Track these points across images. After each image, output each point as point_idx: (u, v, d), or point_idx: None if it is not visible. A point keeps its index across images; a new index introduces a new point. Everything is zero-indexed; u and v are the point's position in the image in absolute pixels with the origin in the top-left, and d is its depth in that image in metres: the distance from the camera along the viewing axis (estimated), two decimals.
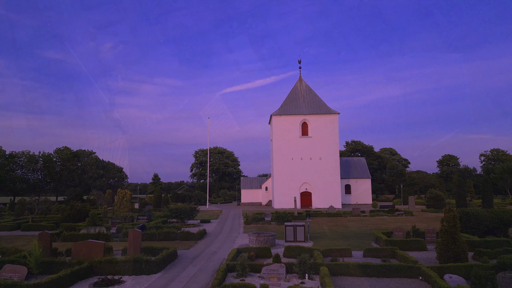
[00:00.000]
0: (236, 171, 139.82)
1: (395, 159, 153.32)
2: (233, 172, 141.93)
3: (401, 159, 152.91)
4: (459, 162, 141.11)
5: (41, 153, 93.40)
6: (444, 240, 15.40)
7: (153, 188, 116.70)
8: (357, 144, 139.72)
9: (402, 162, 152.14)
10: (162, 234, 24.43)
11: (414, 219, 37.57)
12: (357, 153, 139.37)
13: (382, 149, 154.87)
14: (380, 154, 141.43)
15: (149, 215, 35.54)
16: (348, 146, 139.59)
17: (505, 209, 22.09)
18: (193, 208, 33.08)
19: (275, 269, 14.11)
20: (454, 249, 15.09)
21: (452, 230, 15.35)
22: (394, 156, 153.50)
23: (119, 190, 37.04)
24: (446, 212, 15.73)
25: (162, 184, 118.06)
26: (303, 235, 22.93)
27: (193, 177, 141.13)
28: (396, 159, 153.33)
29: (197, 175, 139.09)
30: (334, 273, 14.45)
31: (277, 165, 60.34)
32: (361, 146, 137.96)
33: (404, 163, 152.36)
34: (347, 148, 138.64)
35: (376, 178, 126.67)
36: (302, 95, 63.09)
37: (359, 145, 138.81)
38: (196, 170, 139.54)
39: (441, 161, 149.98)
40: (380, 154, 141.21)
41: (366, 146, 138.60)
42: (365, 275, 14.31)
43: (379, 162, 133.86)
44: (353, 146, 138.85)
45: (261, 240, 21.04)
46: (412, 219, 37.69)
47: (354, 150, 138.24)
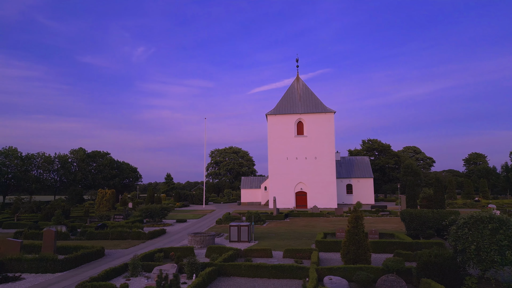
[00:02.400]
0: (250, 171, 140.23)
1: (419, 158, 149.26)
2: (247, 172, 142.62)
3: (425, 157, 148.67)
4: (487, 161, 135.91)
5: (57, 154, 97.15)
6: (346, 241, 15.04)
7: (166, 187, 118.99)
8: (374, 142, 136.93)
9: (426, 161, 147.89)
10: (115, 233, 25.03)
11: (394, 220, 36.61)
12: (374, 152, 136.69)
13: (405, 148, 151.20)
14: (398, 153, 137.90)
15: (126, 214, 36.40)
16: (365, 144, 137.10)
17: (452, 211, 21.14)
18: (164, 208, 33.64)
19: (166, 269, 14.22)
20: (354, 250, 14.71)
21: (354, 231, 14.97)
22: (418, 155, 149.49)
23: (99, 190, 38.14)
24: (350, 212, 15.34)
25: (175, 184, 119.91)
26: (246, 235, 22.90)
27: (208, 177, 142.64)
28: (420, 158, 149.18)
29: (212, 175, 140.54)
30: (227, 274, 14.43)
31: (272, 165, 60.17)
32: (378, 144, 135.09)
33: (429, 162, 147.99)
34: (363, 147, 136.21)
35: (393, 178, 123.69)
36: (299, 94, 62.56)
37: (376, 143, 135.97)
38: (211, 170, 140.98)
39: (467, 159, 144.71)
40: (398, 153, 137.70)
41: (383, 144, 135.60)
42: (257, 275, 14.20)
43: (396, 161, 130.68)
44: (369, 145, 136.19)
45: (197, 240, 21.19)
46: (392, 220, 36.76)
47: (370, 149, 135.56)
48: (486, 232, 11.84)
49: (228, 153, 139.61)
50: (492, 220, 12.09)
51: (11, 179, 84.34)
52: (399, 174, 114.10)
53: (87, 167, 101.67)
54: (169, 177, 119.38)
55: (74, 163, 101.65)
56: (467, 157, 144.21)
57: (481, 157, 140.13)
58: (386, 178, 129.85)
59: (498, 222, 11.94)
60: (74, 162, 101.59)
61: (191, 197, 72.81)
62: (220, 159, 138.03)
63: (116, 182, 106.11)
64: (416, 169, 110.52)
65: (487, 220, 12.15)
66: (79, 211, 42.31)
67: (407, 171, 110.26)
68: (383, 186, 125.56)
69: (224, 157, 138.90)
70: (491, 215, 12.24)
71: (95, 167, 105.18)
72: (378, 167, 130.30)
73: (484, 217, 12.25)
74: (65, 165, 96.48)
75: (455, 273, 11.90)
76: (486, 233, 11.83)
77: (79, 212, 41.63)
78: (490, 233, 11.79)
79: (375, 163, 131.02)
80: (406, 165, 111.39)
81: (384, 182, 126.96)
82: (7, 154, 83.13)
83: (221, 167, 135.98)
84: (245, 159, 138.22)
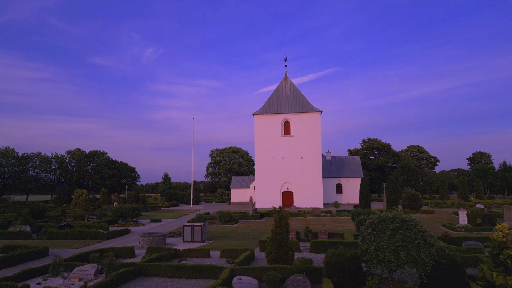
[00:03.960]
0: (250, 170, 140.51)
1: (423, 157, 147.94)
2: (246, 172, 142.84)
3: (429, 156, 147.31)
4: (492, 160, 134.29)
5: (54, 155, 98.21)
6: (269, 241, 15.06)
7: (163, 187, 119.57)
8: (374, 142, 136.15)
9: (430, 160, 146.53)
10: (75, 233, 25.32)
11: None
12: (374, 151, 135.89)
13: (409, 147, 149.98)
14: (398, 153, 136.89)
15: (101, 215, 36.75)
16: (365, 144, 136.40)
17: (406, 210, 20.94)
18: (134, 208, 33.92)
19: (86, 269, 14.39)
20: (276, 250, 14.71)
21: (277, 231, 14.98)
22: (422, 154, 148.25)
23: (76, 190, 38.52)
24: (275, 212, 15.37)
25: (172, 183, 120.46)
26: (199, 235, 23.01)
27: (207, 176, 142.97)
28: (424, 157, 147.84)
29: (211, 175, 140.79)
30: (148, 274, 14.54)
31: (259, 165, 60.21)
32: (377, 144, 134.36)
33: (433, 161, 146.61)
34: (363, 146, 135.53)
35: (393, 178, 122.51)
36: (286, 94, 62.45)
37: (376, 143, 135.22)
38: (211, 170, 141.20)
39: (471, 158, 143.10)
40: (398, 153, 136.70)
41: (383, 144, 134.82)
42: (175, 276, 14.29)
43: (395, 160, 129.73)
44: (369, 144, 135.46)
45: (146, 240, 21.32)
46: None
47: (370, 148, 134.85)
48: (388, 233, 11.78)
49: (228, 153, 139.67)
50: (394, 220, 12.02)
51: (7, 179, 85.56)
52: (396, 174, 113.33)
53: (84, 167, 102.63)
54: (166, 177, 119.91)
55: (72, 163, 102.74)
56: (471, 156, 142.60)
57: (486, 156, 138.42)
58: (385, 177, 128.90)
59: (400, 223, 11.86)
60: (72, 162, 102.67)
61: (182, 197, 73.17)
62: (220, 159, 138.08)
63: (114, 182, 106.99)
64: (414, 169, 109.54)
65: (390, 220, 12.08)
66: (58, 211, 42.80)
67: (404, 170, 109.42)
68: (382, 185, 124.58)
69: (224, 157, 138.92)
70: (394, 216, 12.16)
71: (92, 167, 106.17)
72: (377, 166, 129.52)
73: (388, 217, 12.18)
74: (62, 165, 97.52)
75: (355, 273, 11.86)
76: (388, 233, 11.77)
77: (58, 212, 42.14)
78: (391, 234, 11.72)
79: (374, 163, 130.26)
80: (403, 164, 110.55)
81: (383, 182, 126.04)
82: (4, 154, 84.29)
83: (221, 167, 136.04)
84: (244, 159, 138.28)
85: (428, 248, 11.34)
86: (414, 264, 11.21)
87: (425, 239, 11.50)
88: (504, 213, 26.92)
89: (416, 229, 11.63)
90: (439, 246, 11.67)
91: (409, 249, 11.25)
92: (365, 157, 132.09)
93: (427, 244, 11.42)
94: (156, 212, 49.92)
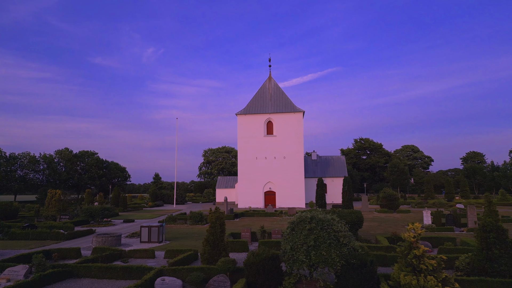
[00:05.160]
0: None
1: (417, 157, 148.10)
2: None
3: (423, 156, 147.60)
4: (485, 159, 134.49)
5: (42, 154, 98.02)
6: (203, 242, 15.06)
7: (154, 187, 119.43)
8: (365, 141, 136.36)
9: (424, 160, 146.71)
10: (35, 233, 25.26)
11: None
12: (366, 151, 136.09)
13: (404, 147, 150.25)
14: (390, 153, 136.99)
15: (73, 215, 36.70)
16: (357, 143, 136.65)
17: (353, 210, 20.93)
18: (105, 208, 33.82)
19: (17, 270, 14.36)
20: (209, 251, 14.72)
21: (211, 231, 14.98)
22: (416, 154, 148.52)
23: (49, 190, 38.44)
24: (210, 213, 15.38)
25: (163, 183, 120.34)
26: (156, 236, 23.00)
27: (200, 176, 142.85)
28: (418, 157, 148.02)
29: (204, 174, 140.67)
30: (79, 275, 14.51)
31: (242, 165, 60.24)
32: (369, 143, 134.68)
33: (427, 161, 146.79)
34: (355, 146, 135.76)
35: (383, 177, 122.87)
36: (270, 94, 62.48)
37: (367, 142, 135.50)
38: (204, 169, 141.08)
39: (465, 158, 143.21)
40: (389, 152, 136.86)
41: (375, 143, 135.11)
42: (105, 277, 14.25)
43: (386, 160, 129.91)
44: (361, 144, 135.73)
45: (99, 240, 21.30)
46: None
47: (361, 148, 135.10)
48: (304, 233, 11.78)
49: (220, 153, 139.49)
50: (312, 220, 12.02)
51: None
52: (385, 173, 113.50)
53: (73, 167, 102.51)
54: (157, 177, 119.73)
55: (61, 163, 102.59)
56: (465, 156, 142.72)
57: (479, 156, 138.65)
58: (376, 177, 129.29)
59: (316, 223, 11.87)
60: (61, 162, 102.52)
61: (168, 197, 73.14)
62: (213, 159, 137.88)
63: (103, 182, 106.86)
64: (403, 168, 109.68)
65: (308, 220, 12.08)
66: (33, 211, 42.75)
67: (393, 170, 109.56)
68: (373, 185, 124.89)
69: (217, 157, 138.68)
70: (313, 216, 12.16)
71: (82, 167, 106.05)
72: (369, 166, 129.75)
73: (306, 217, 12.18)
74: (51, 165, 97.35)
75: (272, 272, 11.86)
76: (304, 233, 11.78)
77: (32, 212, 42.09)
78: (307, 234, 11.73)
79: (366, 162, 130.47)
80: (393, 164, 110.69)
81: (374, 181, 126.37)
82: None
83: (213, 167, 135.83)
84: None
85: (340, 248, 11.36)
86: (325, 263, 11.22)
87: (338, 239, 11.51)
88: (467, 213, 26.96)
89: (330, 229, 11.64)
90: (352, 246, 11.68)
91: (320, 249, 11.26)
92: (357, 157, 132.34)
93: (339, 244, 11.44)
94: (135, 212, 49.90)
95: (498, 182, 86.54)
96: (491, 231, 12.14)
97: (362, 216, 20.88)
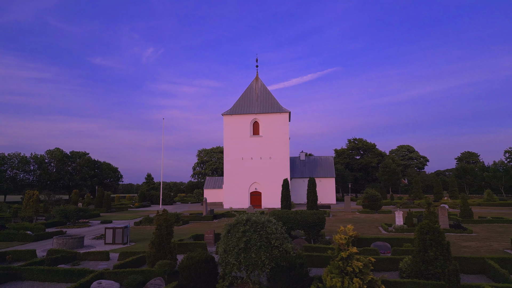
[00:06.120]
0: None
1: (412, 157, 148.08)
2: None
3: (418, 156, 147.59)
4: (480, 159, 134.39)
5: (33, 155, 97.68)
6: (149, 244, 14.90)
7: (146, 187, 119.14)
8: (359, 142, 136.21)
9: (420, 160, 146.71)
10: (3, 235, 25.03)
11: None
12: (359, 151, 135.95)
13: (399, 147, 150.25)
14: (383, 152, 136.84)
15: (50, 216, 36.48)
16: (350, 143, 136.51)
17: (316, 212, 20.82)
18: (79, 209, 33.58)
19: None
20: (154, 254, 14.56)
21: (158, 233, 14.82)
22: (411, 154, 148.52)
23: (27, 191, 38.25)
24: (157, 215, 15.23)
25: (155, 183, 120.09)
26: (121, 237, 22.82)
27: (193, 176, 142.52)
28: (413, 157, 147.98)
29: (197, 174, 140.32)
30: (22, 278, 14.35)
31: (228, 165, 60.08)
32: (362, 143, 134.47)
33: (422, 161, 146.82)
34: (349, 146, 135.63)
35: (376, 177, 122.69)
36: (256, 94, 62.35)
37: (361, 142, 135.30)
38: (197, 170, 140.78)
39: (460, 158, 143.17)
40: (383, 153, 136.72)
41: (368, 143, 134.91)
42: (47, 280, 14.08)
43: (379, 160, 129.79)
44: (354, 144, 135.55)
45: (60, 242, 21.12)
46: None
47: (355, 148, 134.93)
48: (238, 235, 11.65)
49: (215, 153, 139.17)
50: (247, 222, 11.89)
51: None
52: (377, 174, 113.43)
53: (64, 167, 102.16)
54: (149, 177, 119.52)
55: (52, 164, 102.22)
56: (460, 156, 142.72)
57: (474, 156, 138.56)
58: (369, 177, 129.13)
59: (250, 225, 11.74)
60: (52, 163, 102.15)
61: (156, 198, 72.95)
62: (207, 159, 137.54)
63: (95, 182, 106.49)
64: (395, 169, 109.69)
65: (243, 222, 11.95)
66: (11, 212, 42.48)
67: (385, 170, 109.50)
68: (366, 185, 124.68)
69: (211, 157, 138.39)
70: (248, 218, 12.04)
71: (73, 167, 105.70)
72: (361, 166, 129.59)
73: (242, 219, 12.05)
74: (42, 165, 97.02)
75: (205, 275, 11.72)
76: (237, 236, 11.65)
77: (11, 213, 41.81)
78: (240, 236, 11.60)
79: (359, 162, 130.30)
80: (384, 164, 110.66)
81: (367, 182, 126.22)
82: None
83: (207, 167, 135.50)
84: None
85: (272, 250, 11.23)
86: (254, 266, 11.09)
87: (270, 241, 11.39)
88: (439, 213, 26.84)
89: (263, 232, 11.52)
90: (285, 248, 11.55)
91: (250, 252, 11.13)
92: (350, 157, 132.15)
93: (271, 246, 11.31)
94: (118, 213, 49.68)
95: (488, 182, 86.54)
96: (428, 233, 12.01)
97: (324, 217, 20.75)
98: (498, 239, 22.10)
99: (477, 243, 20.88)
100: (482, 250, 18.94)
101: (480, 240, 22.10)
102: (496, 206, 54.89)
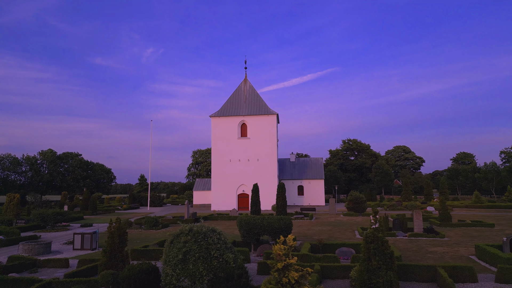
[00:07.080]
0: None
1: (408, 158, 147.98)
2: None
3: (414, 157, 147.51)
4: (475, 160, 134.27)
5: (25, 156, 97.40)
6: (101, 252, 14.76)
7: (139, 188, 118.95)
8: (353, 142, 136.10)
9: (415, 161, 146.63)
10: None
11: (305, 224, 35.90)
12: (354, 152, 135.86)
13: (395, 147, 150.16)
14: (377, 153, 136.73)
15: (29, 219, 36.31)
16: (345, 144, 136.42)
17: (282, 217, 20.68)
18: (57, 213, 33.38)
19: None
20: (105, 262, 14.40)
21: (110, 242, 14.68)
22: (407, 154, 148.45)
23: (8, 194, 38.08)
24: (110, 224, 15.11)
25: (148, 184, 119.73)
26: (89, 242, 22.68)
27: (188, 177, 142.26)
28: (409, 158, 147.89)
29: (192, 175, 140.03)
30: None
31: (215, 167, 59.95)
32: (357, 144, 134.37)
33: (418, 162, 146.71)
34: (343, 147, 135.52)
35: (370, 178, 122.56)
36: (245, 96, 62.23)
37: (355, 143, 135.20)
38: (192, 170, 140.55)
39: (455, 159, 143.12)
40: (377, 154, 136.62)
41: (363, 144, 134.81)
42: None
43: (373, 161, 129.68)
44: (348, 145, 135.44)
45: (26, 248, 20.99)
46: (302, 223, 36.06)
47: (349, 149, 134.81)
48: (179, 246, 11.52)
49: (209, 154, 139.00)
50: (189, 232, 11.76)
51: None
52: (370, 175, 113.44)
53: (57, 168, 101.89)
54: (142, 178, 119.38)
55: (44, 165, 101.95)
56: (455, 157, 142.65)
57: (469, 157, 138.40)
58: (363, 178, 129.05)
59: (192, 235, 11.61)
60: (44, 164, 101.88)
61: (146, 199, 72.72)
62: (201, 160, 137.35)
63: (88, 183, 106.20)
64: (387, 170, 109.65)
65: (186, 232, 11.82)
66: None
67: (378, 171, 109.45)
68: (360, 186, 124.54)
69: (205, 158, 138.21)
70: (191, 228, 11.91)
71: (66, 168, 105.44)
72: (355, 167, 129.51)
73: (185, 229, 11.93)
74: (34, 166, 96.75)
75: (143, 286, 11.59)
76: (178, 246, 11.52)
77: None
78: (181, 246, 11.47)
79: (353, 163, 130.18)
80: (377, 165, 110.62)
81: (361, 183, 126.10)
82: None
83: (202, 168, 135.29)
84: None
85: (211, 261, 11.10)
86: (191, 277, 10.96)
87: (209, 252, 11.26)
88: (413, 217, 26.76)
89: (204, 242, 11.39)
90: (225, 258, 11.41)
91: (188, 263, 11.00)
92: (345, 158, 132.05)
93: (210, 257, 11.18)
94: (104, 216, 49.45)
95: (479, 184, 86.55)
96: (372, 242, 11.91)
97: (291, 222, 20.67)
98: (467, 245, 22.01)
99: (445, 249, 20.79)
100: (446, 256, 18.84)
101: (450, 245, 22.01)
102: (483, 208, 54.81)
